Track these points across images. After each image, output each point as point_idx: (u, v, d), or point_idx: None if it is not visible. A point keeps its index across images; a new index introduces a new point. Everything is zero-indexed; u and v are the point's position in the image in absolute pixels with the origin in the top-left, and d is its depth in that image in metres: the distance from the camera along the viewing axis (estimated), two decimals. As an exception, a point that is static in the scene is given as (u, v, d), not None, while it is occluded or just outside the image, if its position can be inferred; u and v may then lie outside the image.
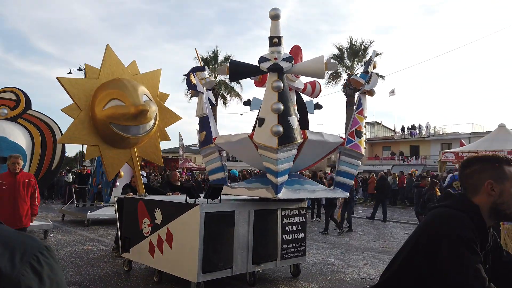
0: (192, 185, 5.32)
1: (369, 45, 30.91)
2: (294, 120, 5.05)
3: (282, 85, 4.95)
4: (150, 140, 6.53)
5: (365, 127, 6.07)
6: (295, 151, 5.10)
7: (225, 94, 32.19)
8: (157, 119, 6.38)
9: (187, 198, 5.01)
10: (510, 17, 70.30)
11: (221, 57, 31.20)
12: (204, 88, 6.27)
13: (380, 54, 29.45)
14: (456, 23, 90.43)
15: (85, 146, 7.43)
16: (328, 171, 19.98)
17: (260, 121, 5.06)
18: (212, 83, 6.48)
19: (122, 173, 7.18)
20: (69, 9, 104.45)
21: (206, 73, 6.47)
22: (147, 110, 5.75)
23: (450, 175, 13.30)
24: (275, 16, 4.92)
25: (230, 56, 32.64)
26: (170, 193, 7.14)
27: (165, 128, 6.90)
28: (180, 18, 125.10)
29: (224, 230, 5.03)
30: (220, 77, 30.31)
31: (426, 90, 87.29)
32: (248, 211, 5.31)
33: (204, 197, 4.99)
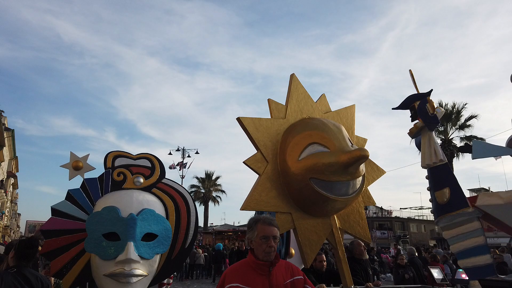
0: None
1: (462, 108, 30.24)
2: None
3: None
4: (353, 205, 4.44)
5: None
6: None
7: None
8: (365, 175, 4.33)
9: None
10: None
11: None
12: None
13: (476, 116, 29.40)
14: None
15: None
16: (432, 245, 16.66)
17: None
18: (442, 114, 4.43)
19: (293, 250, 5.11)
20: (170, 97, 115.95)
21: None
22: (367, 155, 3.75)
23: None
24: None
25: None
26: (370, 284, 4.86)
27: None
28: (265, 96, 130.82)
29: None
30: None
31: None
32: None
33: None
